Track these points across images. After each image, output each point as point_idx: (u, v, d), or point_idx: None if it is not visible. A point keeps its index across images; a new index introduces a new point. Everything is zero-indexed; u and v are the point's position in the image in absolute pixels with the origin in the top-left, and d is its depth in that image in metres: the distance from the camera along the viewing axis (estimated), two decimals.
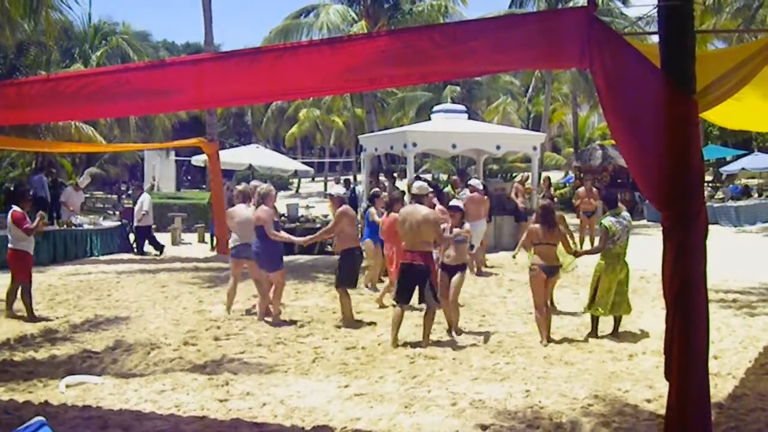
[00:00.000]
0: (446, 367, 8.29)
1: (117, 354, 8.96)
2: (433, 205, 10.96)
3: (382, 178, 18.82)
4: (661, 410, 5.54)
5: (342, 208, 10.76)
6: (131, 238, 20.54)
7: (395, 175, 19.87)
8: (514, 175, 34.25)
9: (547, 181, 19.89)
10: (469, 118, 24.84)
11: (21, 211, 11.12)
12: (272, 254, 10.76)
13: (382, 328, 10.30)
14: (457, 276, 9.93)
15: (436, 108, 24.65)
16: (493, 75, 42.24)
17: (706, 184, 23.56)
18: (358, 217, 14.32)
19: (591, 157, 32.89)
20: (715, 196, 28.82)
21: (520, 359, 8.63)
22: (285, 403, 6.99)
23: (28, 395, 7.28)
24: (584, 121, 48.28)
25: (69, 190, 21.01)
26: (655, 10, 4.76)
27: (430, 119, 24.50)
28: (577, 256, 10.35)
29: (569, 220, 13.64)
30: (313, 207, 25.12)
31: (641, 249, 17.07)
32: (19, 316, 11.08)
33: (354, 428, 6.31)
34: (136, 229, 19.80)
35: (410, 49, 5.02)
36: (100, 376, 7.92)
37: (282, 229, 17.60)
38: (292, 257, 18.47)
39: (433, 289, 9.32)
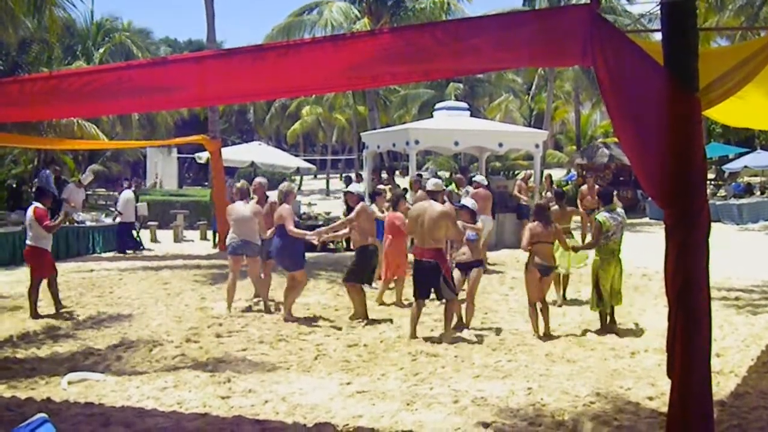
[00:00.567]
0: (448, 364, 8.29)
1: (119, 351, 8.97)
2: (443, 202, 10.99)
3: (384, 175, 18.82)
4: (663, 408, 5.54)
5: (360, 204, 10.76)
6: (134, 234, 20.55)
7: (398, 172, 19.88)
8: (517, 172, 34.24)
9: (549, 179, 19.86)
10: (472, 116, 24.85)
11: (43, 208, 11.19)
12: (293, 252, 10.74)
13: (384, 325, 10.32)
14: (474, 271, 10.04)
15: (439, 105, 24.65)
16: (496, 72, 42.24)
17: (708, 182, 23.57)
18: None
19: (593, 154, 32.86)
20: (718, 194, 28.79)
21: (522, 357, 8.63)
22: (287, 401, 6.99)
23: (31, 392, 7.29)
24: (586, 119, 48.29)
25: (71, 187, 21.02)
26: (658, 8, 4.76)
27: (432, 117, 24.50)
28: (575, 250, 10.48)
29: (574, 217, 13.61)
30: (315, 204, 25.12)
31: (643, 247, 17.09)
32: (45, 314, 11.14)
33: (356, 425, 6.31)
34: (118, 226, 19.70)
35: (413, 46, 5.02)
36: (102, 373, 7.92)
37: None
38: None
39: (448, 283, 9.36)
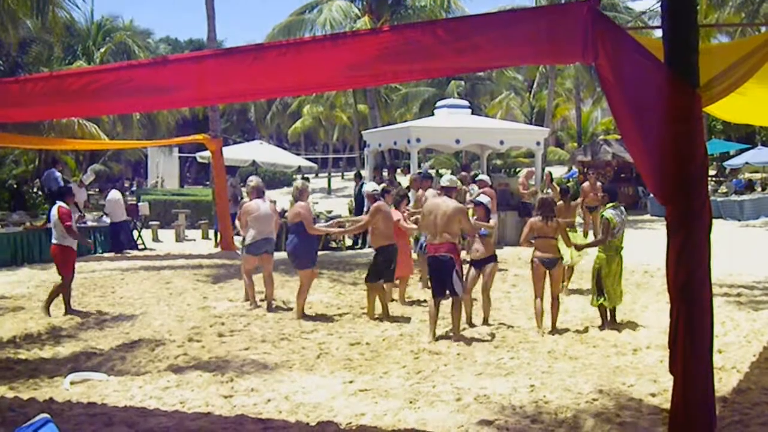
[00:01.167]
0: (450, 362, 8.30)
1: (121, 351, 8.98)
2: None
3: (385, 173, 18.82)
4: (666, 404, 5.55)
5: (376, 204, 10.73)
6: (135, 234, 20.55)
7: (399, 170, 19.87)
8: (518, 170, 34.24)
9: (549, 176, 19.84)
10: (473, 114, 24.85)
11: (67, 207, 11.27)
12: (306, 251, 10.80)
13: (387, 323, 10.33)
14: (489, 266, 10.14)
15: (440, 103, 24.64)
16: (497, 70, 42.24)
17: (709, 179, 23.57)
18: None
19: (595, 151, 32.84)
20: (719, 191, 28.77)
21: (525, 354, 8.64)
22: (290, 399, 7.00)
23: (33, 392, 7.30)
24: (587, 116, 48.31)
25: (72, 186, 21.02)
26: (659, 5, 4.75)
27: (433, 115, 24.50)
28: (579, 249, 10.52)
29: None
30: (317, 203, 25.12)
31: (645, 243, 17.08)
32: (77, 311, 11.32)
33: (359, 424, 6.32)
34: (110, 226, 19.63)
35: (413, 44, 5.02)
36: (104, 373, 7.93)
37: (286, 226, 17.69)
38: None
39: (460, 278, 9.40)
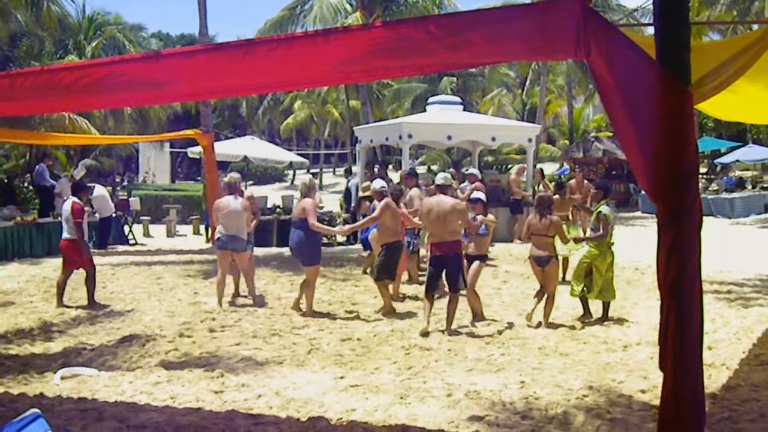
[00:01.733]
0: (441, 358, 8.31)
1: (112, 346, 8.96)
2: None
3: (376, 169, 18.82)
4: (656, 401, 5.56)
5: (385, 201, 10.75)
6: (126, 229, 20.51)
7: (390, 166, 19.87)
8: (509, 166, 34.25)
9: (540, 173, 19.86)
10: (465, 110, 24.85)
11: (80, 203, 11.47)
12: (313, 247, 10.80)
13: (377, 319, 10.35)
14: (475, 264, 10.21)
15: (432, 99, 24.63)
16: (490, 66, 42.25)
17: (700, 176, 23.61)
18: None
19: (586, 149, 32.91)
20: (710, 188, 28.87)
21: (515, 350, 8.66)
22: (280, 395, 7.00)
23: (24, 387, 7.28)
24: (579, 113, 48.36)
25: (63, 181, 20.95)
26: (650, 2, 4.76)
27: (425, 111, 24.49)
28: (578, 242, 10.65)
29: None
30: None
31: (636, 240, 17.13)
32: (69, 306, 11.37)
33: (349, 419, 6.32)
34: (100, 222, 19.55)
35: (405, 40, 5.01)
36: (95, 369, 7.92)
37: (277, 221, 17.68)
38: (286, 249, 18.49)
39: (463, 275, 9.55)
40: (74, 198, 11.50)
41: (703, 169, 36.88)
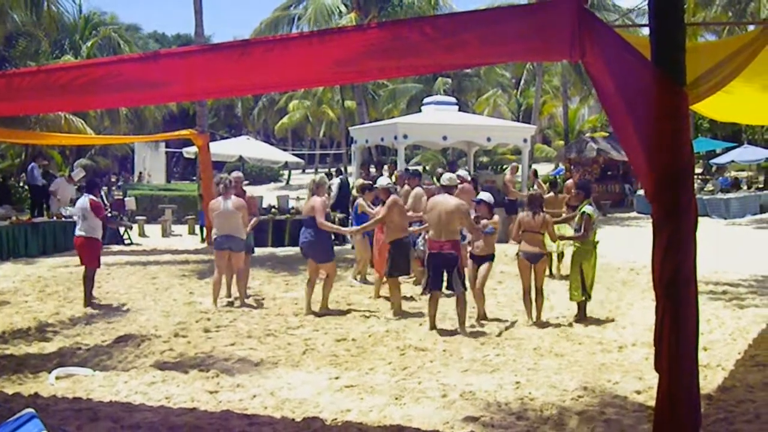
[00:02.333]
0: (436, 358, 8.31)
1: (107, 346, 8.95)
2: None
3: (372, 170, 18.81)
4: (651, 402, 5.57)
5: (392, 198, 10.79)
6: (121, 229, 20.49)
7: (386, 166, 19.85)
8: (504, 167, 34.27)
9: (534, 173, 19.87)
10: (460, 110, 24.87)
11: (96, 199, 11.56)
12: (325, 245, 10.86)
13: (373, 319, 10.35)
14: (484, 265, 10.26)
15: (427, 100, 24.65)
16: (485, 67, 42.25)
17: (695, 177, 23.63)
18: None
19: (581, 149, 32.95)
20: (705, 189, 28.93)
21: (510, 351, 8.66)
22: (275, 395, 6.99)
23: (18, 387, 7.26)
24: (574, 114, 48.34)
25: (60, 181, 20.94)
26: (646, 3, 4.76)
27: (420, 111, 24.50)
28: (562, 239, 10.75)
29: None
30: (304, 199, 25.06)
31: (631, 241, 17.15)
32: (100, 304, 11.48)
33: (344, 420, 6.31)
34: None
35: (401, 41, 5.01)
36: (90, 368, 7.91)
37: (273, 221, 17.67)
38: (281, 249, 18.50)
39: (461, 276, 9.56)
40: (90, 195, 11.54)
41: (699, 170, 36.95)
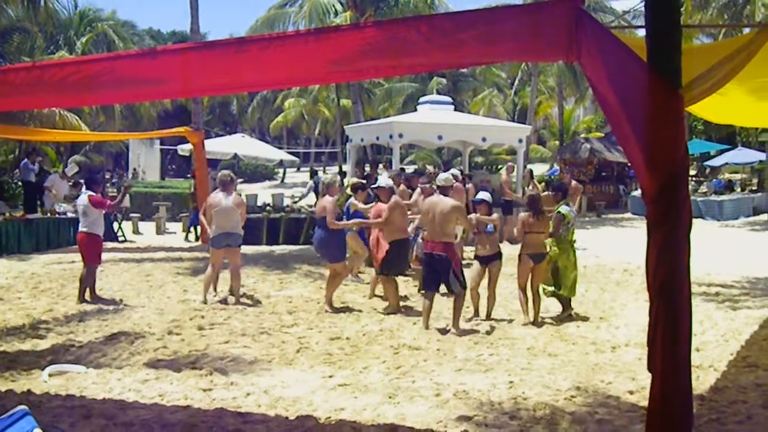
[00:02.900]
0: (430, 357, 8.32)
1: (100, 343, 8.93)
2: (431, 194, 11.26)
3: (367, 168, 18.84)
4: (644, 402, 5.58)
5: (394, 199, 10.83)
6: (115, 226, 20.44)
7: (381, 165, 19.87)
8: (500, 167, 34.27)
9: (530, 174, 19.90)
10: (455, 110, 24.89)
11: (96, 195, 11.60)
12: (335, 244, 10.92)
13: (367, 318, 10.35)
14: (495, 264, 10.39)
15: (423, 99, 24.68)
16: (482, 67, 42.28)
17: (690, 179, 23.72)
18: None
19: (576, 150, 32.98)
20: (699, 191, 28.97)
21: (504, 350, 8.67)
22: (269, 393, 6.99)
23: (11, 384, 7.24)
24: (570, 114, 48.40)
25: (54, 177, 20.90)
26: (642, 4, 4.77)
27: (416, 110, 24.50)
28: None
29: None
30: (299, 197, 25.08)
31: (625, 242, 17.16)
32: (102, 298, 11.49)
33: (338, 418, 6.31)
34: None
35: (397, 40, 5.01)
36: (83, 366, 7.89)
37: (267, 220, 17.65)
38: (275, 247, 18.49)
39: (457, 276, 9.58)
40: (90, 191, 11.59)
41: (693, 172, 36.98)
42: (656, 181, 4.29)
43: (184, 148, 24.55)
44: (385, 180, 11.81)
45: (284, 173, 57.52)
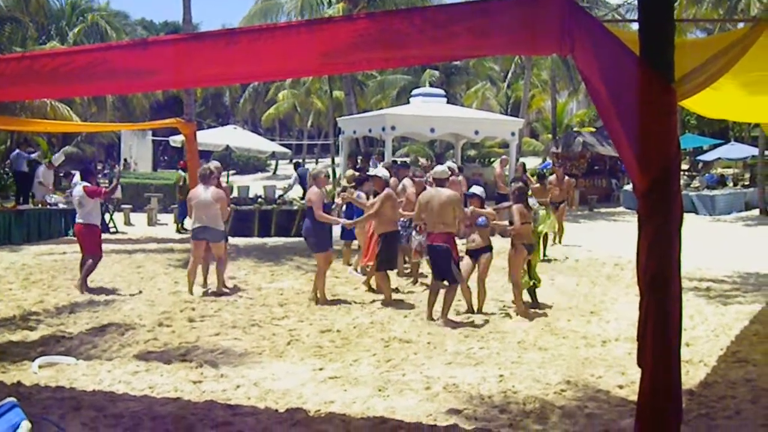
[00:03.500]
0: (421, 351, 8.32)
1: (91, 335, 8.91)
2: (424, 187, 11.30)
3: (359, 161, 18.81)
4: (633, 396, 5.58)
5: (386, 191, 10.83)
6: (107, 217, 20.38)
7: (374, 157, 19.86)
8: (492, 160, 34.27)
9: (522, 167, 19.88)
10: (448, 103, 24.89)
11: (91, 185, 11.67)
12: (321, 235, 10.90)
13: (358, 310, 10.34)
14: (485, 256, 10.36)
15: (415, 92, 24.69)
16: (475, 60, 42.27)
17: (682, 173, 23.73)
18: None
19: (569, 144, 32.98)
20: (691, 185, 29.02)
21: (494, 344, 8.68)
22: (259, 386, 6.99)
23: (1, 375, 7.23)
24: (563, 108, 48.43)
25: (42, 169, 20.82)
26: None
27: (409, 103, 24.48)
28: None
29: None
30: (290, 189, 25.04)
31: (616, 236, 17.18)
32: (93, 289, 11.53)
33: (328, 411, 6.31)
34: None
35: (389, 32, 4.99)
36: (73, 357, 7.88)
37: (259, 211, 17.62)
38: (267, 239, 18.46)
39: (456, 268, 9.64)
40: (85, 182, 11.65)
41: (685, 166, 37.05)
42: (648, 175, 4.28)
43: (177, 140, 24.46)
44: (381, 170, 11.81)
45: (276, 165, 57.46)
